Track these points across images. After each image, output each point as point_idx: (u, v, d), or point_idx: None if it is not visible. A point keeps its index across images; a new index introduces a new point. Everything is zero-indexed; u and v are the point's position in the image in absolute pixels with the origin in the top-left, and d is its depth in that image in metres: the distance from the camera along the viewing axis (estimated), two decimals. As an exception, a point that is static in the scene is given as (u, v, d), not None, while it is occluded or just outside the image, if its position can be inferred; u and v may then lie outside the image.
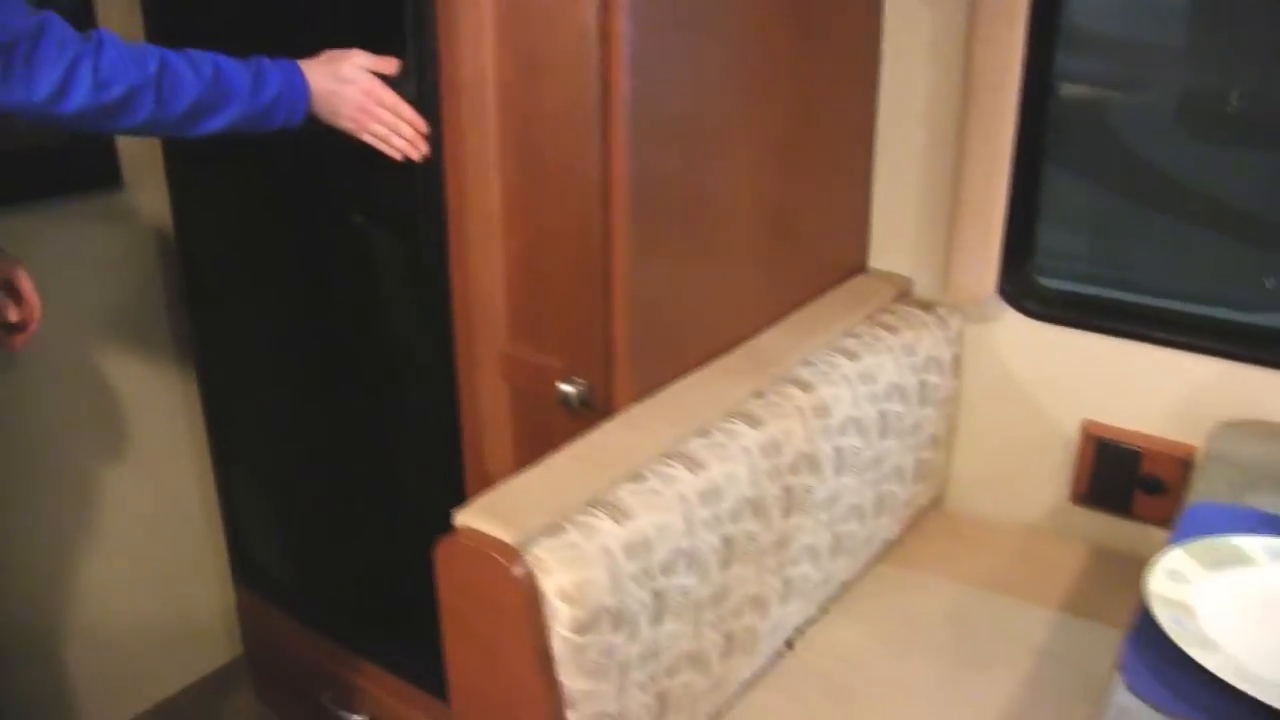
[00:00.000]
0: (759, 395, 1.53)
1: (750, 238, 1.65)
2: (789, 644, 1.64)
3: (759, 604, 1.49)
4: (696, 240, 1.53)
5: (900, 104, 1.90)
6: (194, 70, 1.34)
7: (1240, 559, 1.31)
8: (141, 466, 2.13)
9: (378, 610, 1.96)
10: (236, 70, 1.38)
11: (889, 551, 1.87)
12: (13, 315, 1.51)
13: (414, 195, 1.54)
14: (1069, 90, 1.87)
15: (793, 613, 1.59)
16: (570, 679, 1.21)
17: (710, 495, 1.35)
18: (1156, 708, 1.09)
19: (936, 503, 2.03)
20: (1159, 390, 1.82)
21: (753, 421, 1.46)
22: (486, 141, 1.46)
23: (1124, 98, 1.93)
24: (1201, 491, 1.51)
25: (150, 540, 2.18)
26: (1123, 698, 1.11)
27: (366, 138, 1.48)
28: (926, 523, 1.97)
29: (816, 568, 1.61)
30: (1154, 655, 1.15)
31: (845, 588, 1.75)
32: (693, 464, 1.36)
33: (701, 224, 1.53)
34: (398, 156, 1.48)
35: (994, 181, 1.75)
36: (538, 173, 1.44)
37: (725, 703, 1.51)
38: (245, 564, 2.23)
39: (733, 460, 1.40)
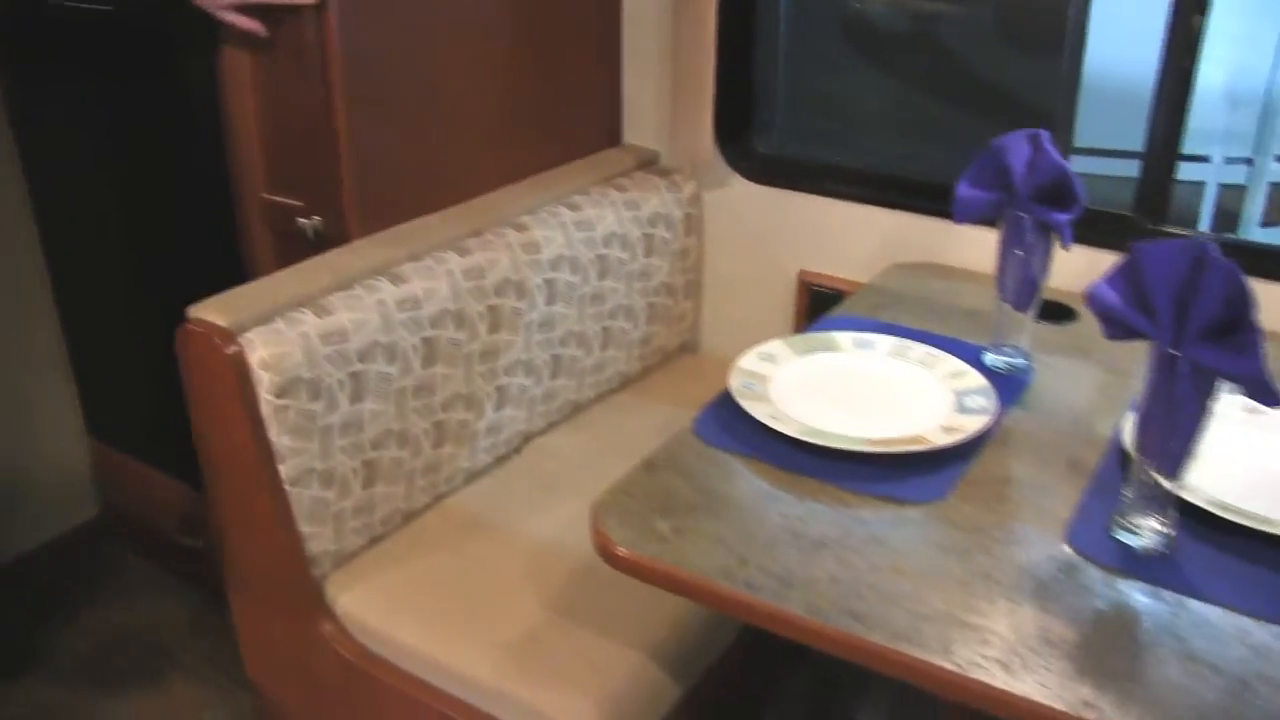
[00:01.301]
0: (476, 234, 1.82)
1: (483, 110, 1.94)
2: (519, 450, 1.95)
3: (472, 403, 1.79)
4: (421, 110, 1.82)
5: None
6: None
7: (830, 346, 1.62)
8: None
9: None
10: None
11: (629, 384, 2.18)
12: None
13: (197, 79, 1.82)
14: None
15: (513, 418, 1.90)
16: (277, 437, 1.51)
17: (409, 303, 1.65)
18: (704, 441, 1.41)
19: (689, 347, 2.34)
20: (856, 240, 2.13)
21: (462, 251, 1.76)
22: (244, 33, 1.74)
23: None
24: (843, 310, 1.82)
25: (11, 397, 2.47)
26: (682, 435, 1.42)
27: None
28: (675, 363, 2.29)
29: (536, 382, 1.92)
30: (724, 411, 1.47)
31: (577, 408, 2.06)
32: (397, 279, 1.66)
33: (425, 96, 1.82)
34: None
35: (703, 55, 2.05)
36: (278, 52, 1.72)
37: (448, 487, 1.82)
38: (95, 414, 2.52)
39: (436, 279, 1.70)
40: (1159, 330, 1.14)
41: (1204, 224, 3.41)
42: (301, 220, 1.77)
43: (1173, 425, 1.17)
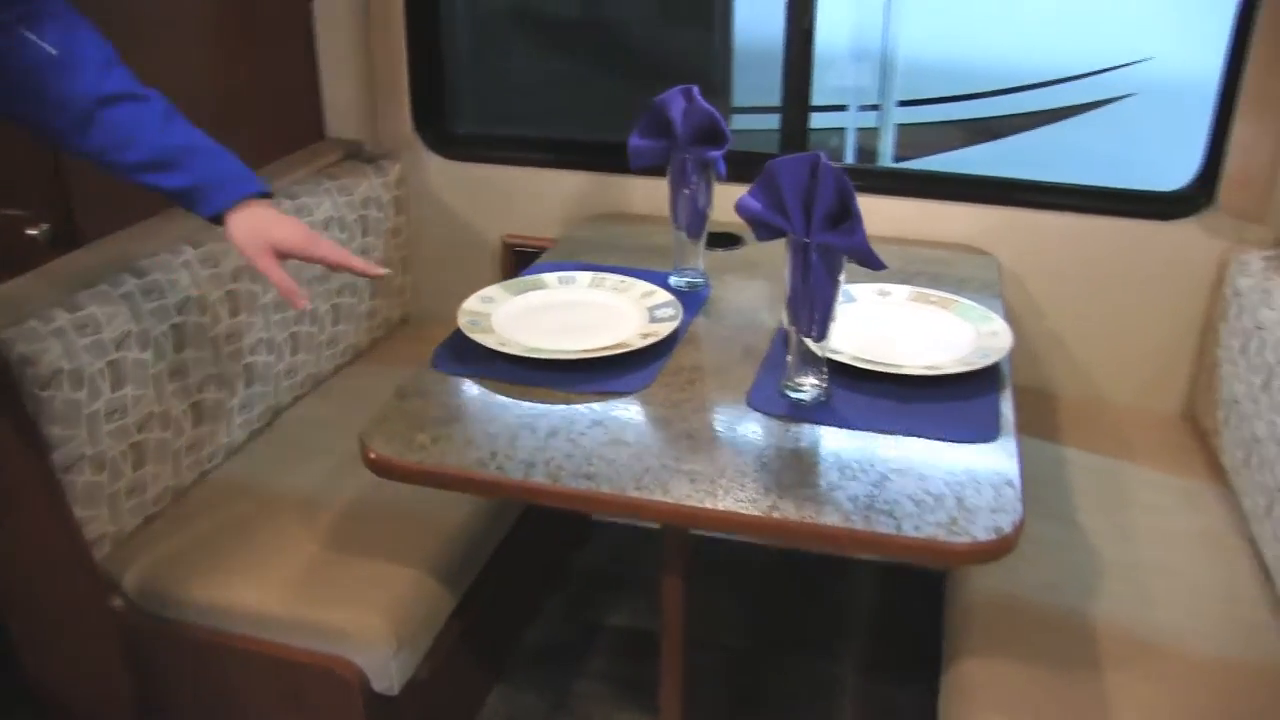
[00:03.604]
0: (207, 228, 1.97)
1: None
2: (269, 424, 2.11)
3: (223, 382, 1.95)
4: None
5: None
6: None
7: (538, 286, 1.89)
8: None
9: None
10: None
11: (361, 355, 2.39)
12: (301, 303, 1.61)
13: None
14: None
15: (262, 394, 2.06)
16: (46, 427, 1.62)
17: (155, 293, 1.79)
18: (443, 371, 1.64)
19: (409, 316, 2.57)
20: (550, 201, 2.41)
21: (195, 243, 1.91)
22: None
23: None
24: (545, 258, 2.09)
25: None
26: (421, 371, 1.65)
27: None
28: (399, 332, 2.51)
29: (278, 358, 2.09)
30: (457, 346, 1.70)
31: (318, 380, 2.25)
32: (139, 273, 1.80)
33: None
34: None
35: (395, 50, 2.27)
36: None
37: (211, 463, 1.97)
38: None
39: (176, 271, 1.84)
40: (792, 225, 1.46)
41: (848, 162, 3.95)
42: (31, 231, 1.87)
43: (813, 299, 1.49)
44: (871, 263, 1.44)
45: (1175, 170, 2.25)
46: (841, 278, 1.48)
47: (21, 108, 1.48)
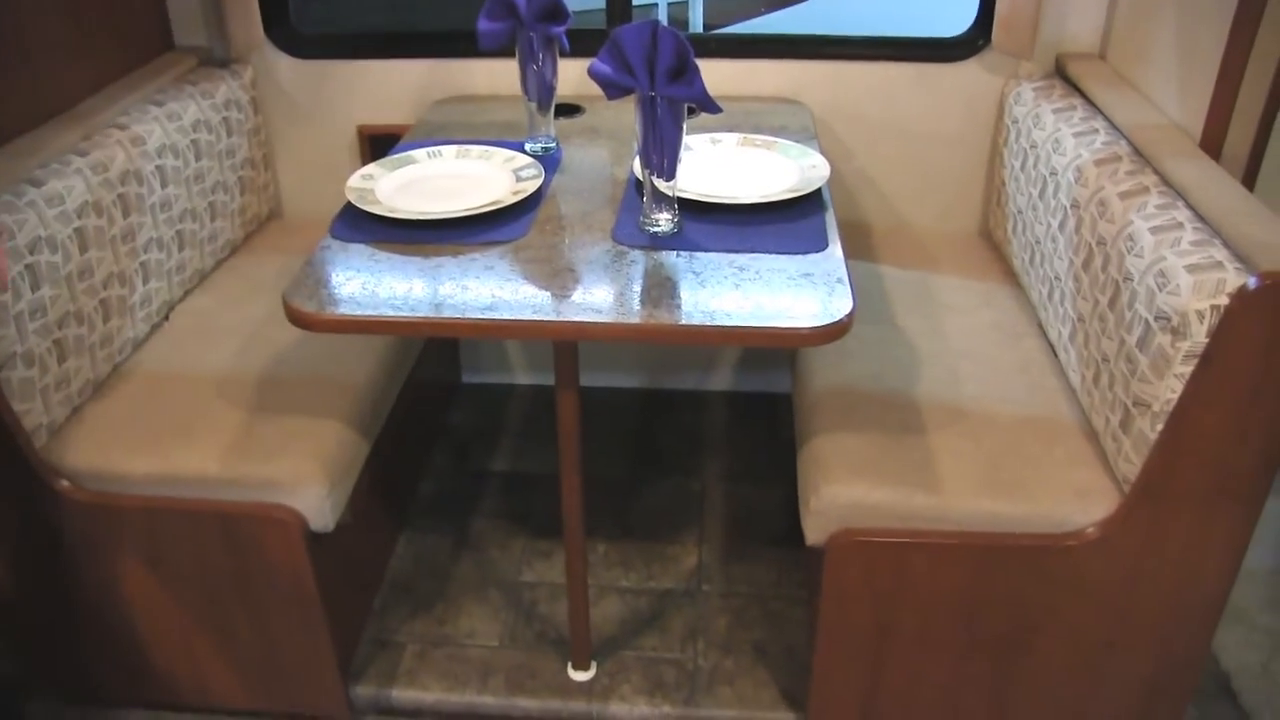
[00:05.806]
0: (87, 138, 2.10)
1: (39, 34, 2.16)
2: (167, 317, 2.27)
3: (124, 280, 2.10)
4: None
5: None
6: None
7: (410, 161, 2.09)
8: None
9: None
10: None
11: (238, 249, 2.55)
12: None
13: None
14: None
15: (157, 290, 2.22)
16: (-22, 329, 1.77)
17: (55, 199, 1.92)
18: (339, 238, 1.84)
19: (276, 211, 2.73)
20: (399, 89, 2.58)
21: (81, 153, 2.04)
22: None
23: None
24: (406, 139, 2.29)
25: None
26: (324, 241, 1.85)
27: None
28: (268, 226, 2.67)
29: (168, 256, 2.25)
30: (351, 216, 1.90)
31: (203, 276, 2.41)
32: (37, 183, 1.93)
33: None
34: None
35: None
36: None
37: (122, 356, 2.13)
38: None
39: (69, 178, 1.98)
40: (639, 82, 1.70)
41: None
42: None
43: (662, 144, 1.75)
44: (710, 107, 1.70)
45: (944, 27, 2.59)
46: (684, 125, 1.74)
47: None
